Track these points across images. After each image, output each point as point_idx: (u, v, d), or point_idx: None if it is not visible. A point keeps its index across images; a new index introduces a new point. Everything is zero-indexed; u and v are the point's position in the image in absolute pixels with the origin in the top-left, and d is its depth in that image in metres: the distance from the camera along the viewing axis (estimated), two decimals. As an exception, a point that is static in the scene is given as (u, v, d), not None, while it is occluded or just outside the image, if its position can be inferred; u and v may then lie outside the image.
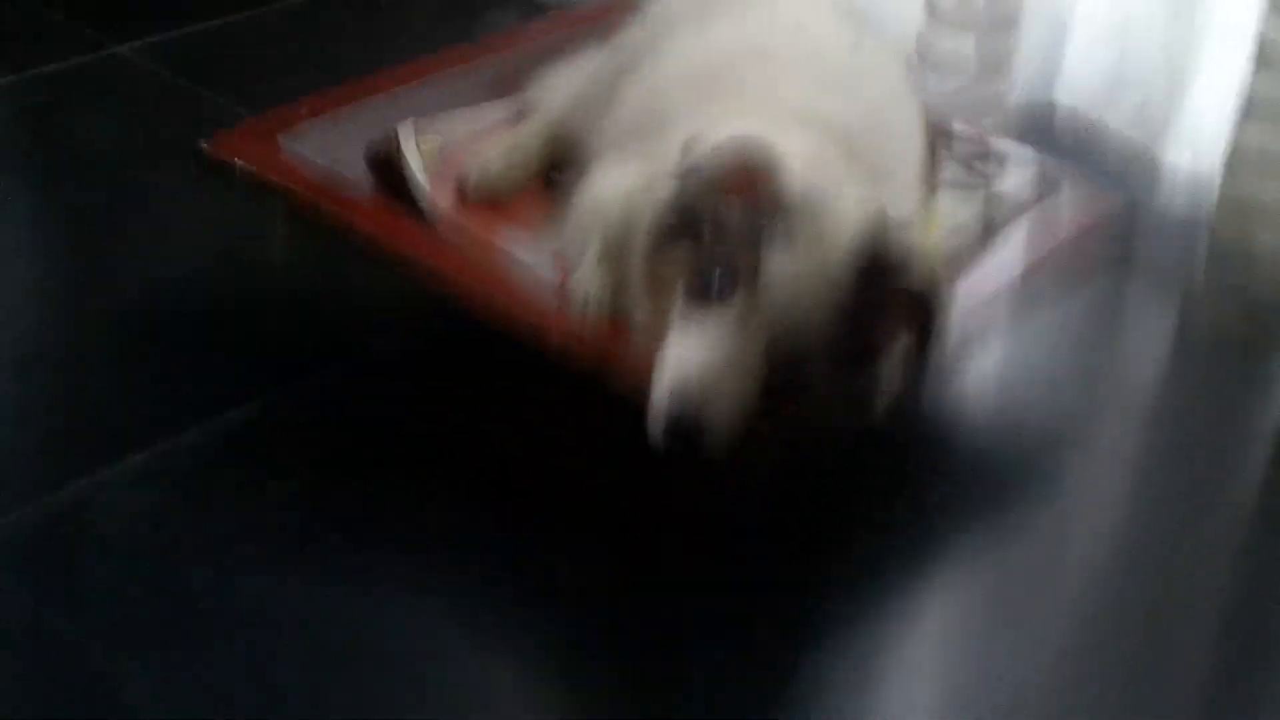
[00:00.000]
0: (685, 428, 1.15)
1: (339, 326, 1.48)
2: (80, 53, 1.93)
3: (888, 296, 1.20)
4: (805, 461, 1.28)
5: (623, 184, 1.31)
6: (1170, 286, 1.75)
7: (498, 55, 1.77)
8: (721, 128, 1.22)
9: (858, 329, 1.20)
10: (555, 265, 1.39)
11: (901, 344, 1.23)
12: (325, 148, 1.53)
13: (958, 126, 1.69)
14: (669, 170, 1.21)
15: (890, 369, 1.25)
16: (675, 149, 1.24)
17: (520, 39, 1.83)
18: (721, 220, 1.19)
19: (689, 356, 1.17)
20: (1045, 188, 1.63)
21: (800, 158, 1.20)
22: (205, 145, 1.46)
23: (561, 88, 1.66)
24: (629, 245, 1.28)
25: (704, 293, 1.19)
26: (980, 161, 1.65)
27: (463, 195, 1.55)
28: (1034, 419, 1.52)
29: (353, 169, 1.53)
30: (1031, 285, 1.51)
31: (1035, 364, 1.61)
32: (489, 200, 1.56)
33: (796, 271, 1.17)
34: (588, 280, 1.33)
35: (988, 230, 1.55)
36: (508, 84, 1.71)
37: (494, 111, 1.68)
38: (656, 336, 1.23)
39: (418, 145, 1.58)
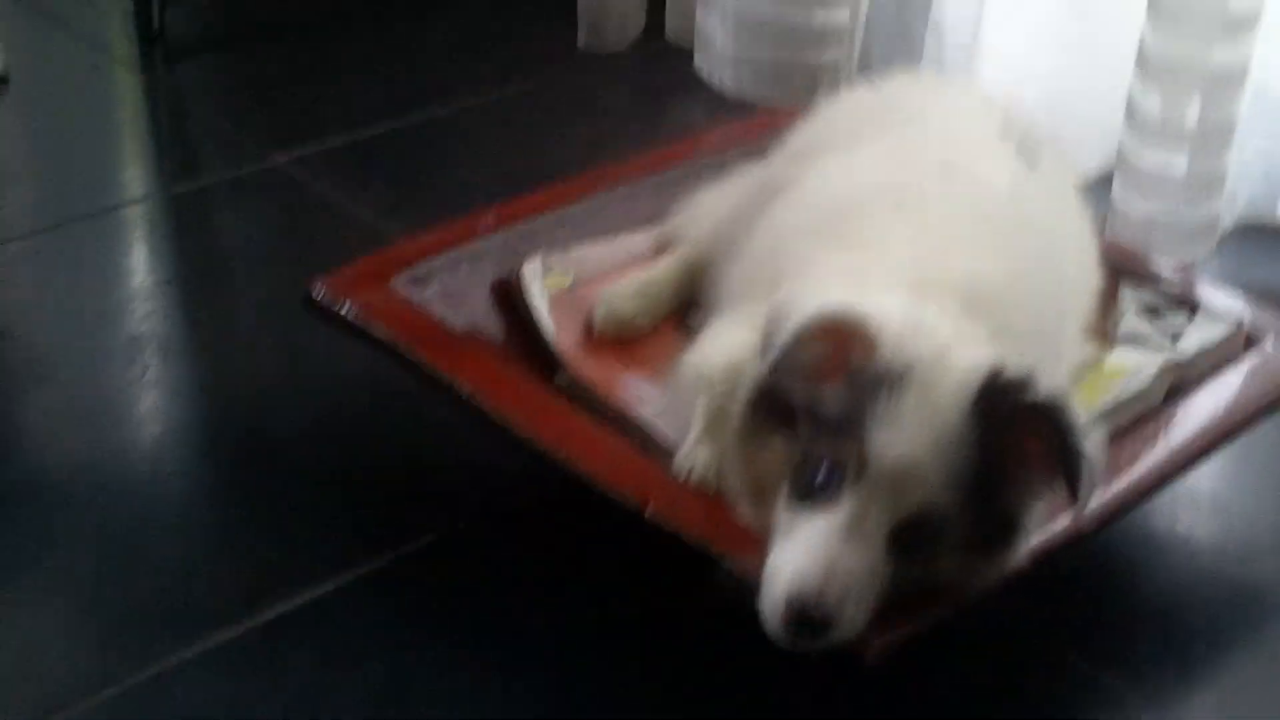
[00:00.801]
0: (805, 630, 1.04)
1: (438, 490, 1.39)
2: (240, 165, 1.91)
3: (1018, 454, 1.07)
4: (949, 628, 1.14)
5: (730, 350, 1.20)
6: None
7: (650, 175, 1.66)
8: (814, 294, 1.09)
9: (992, 497, 1.07)
10: (672, 424, 1.27)
11: (1044, 503, 1.10)
12: (446, 288, 1.45)
13: (1155, 264, 1.51)
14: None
15: (1034, 525, 1.12)
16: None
17: (679, 154, 1.72)
18: (815, 408, 1.08)
19: (800, 562, 1.05)
20: (1248, 339, 1.43)
21: (898, 324, 1.07)
22: (315, 289, 1.40)
23: (705, 217, 1.54)
24: (732, 422, 1.16)
25: (809, 490, 1.07)
26: (1171, 310, 1.46)
27: (589, 336, 1.45)
28: (1229, 572, 1.36)
29: (474, 312, 1.44)
30: (1224, 443, 1.32)
31: (1236, 516, 1.44)
32: (616, 341, 1.45)
33: (909, 450, 1.05)
34: (693, 454, 1.21)
35: (1173, 389, 1.36)
36: (657, 209, 1.60)
37: (633, 243, 1.57)
38: (763, 525, 1.12)
39: (544, 280, 1.49)
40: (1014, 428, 1.06)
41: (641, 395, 1.37)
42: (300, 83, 2.14)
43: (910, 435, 1.05)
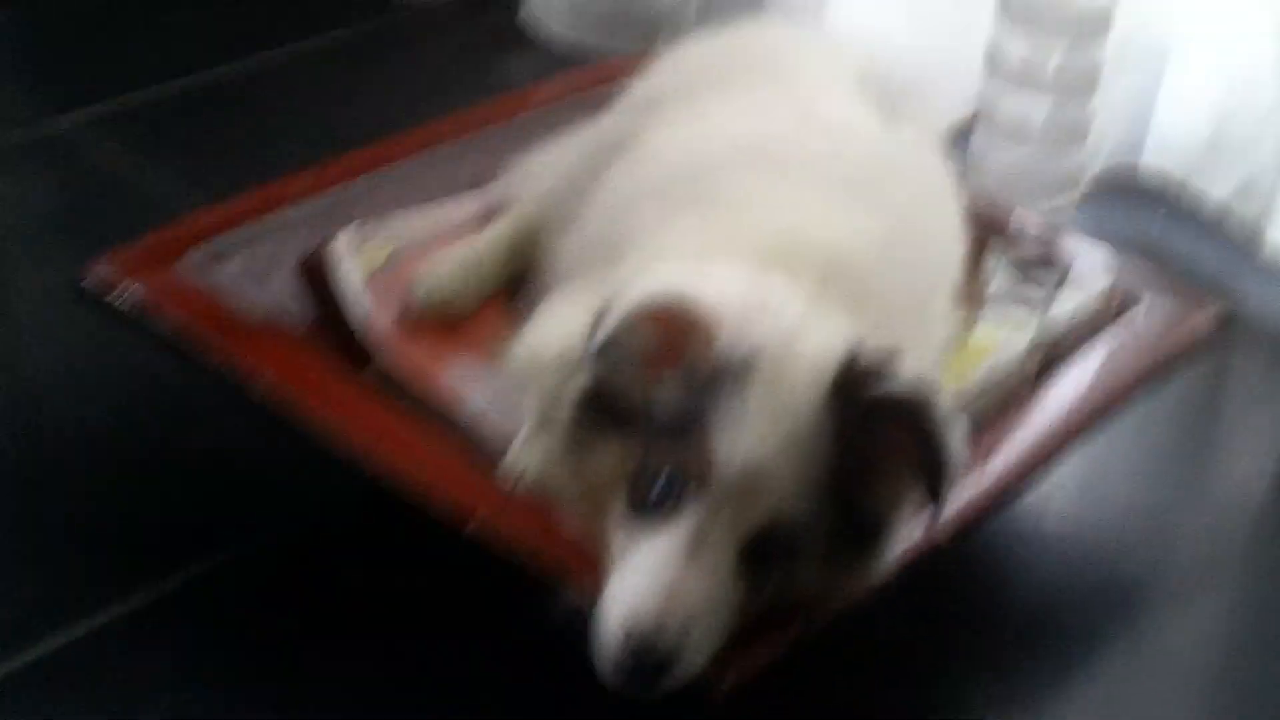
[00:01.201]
0: (644, 671, 0.91)
1: (239, 500, 1.22)
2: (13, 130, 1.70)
3: (878, 452, 0.95)
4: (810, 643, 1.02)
5: (562, 333, 1.05)
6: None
7: (476, 134, 1.50)
8: (649, 272, 0.96)
9: (852, 501, 0.95)
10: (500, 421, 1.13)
11: (913, 498, 0.97)
12: (248, 266, 1.28)
13: (1018, 218, 1.40)
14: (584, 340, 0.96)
15: (900, 529, 1.00)
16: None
17: (508, 110, 1.56)
18: (651, 408, 0.95)
19: (636, 590, 0.92)
20: (1122, 301, 1.33)
21: (738, 306, 0.94)
22: (88, 274, 1.22)
23: (537, 180, 1.39)
24: (560, 422, 1.02)
25: (647, 503, 0.94)
26: (1041, 269, 1.35)
27: (408, 319, 1.30)
28: (1101, 566, 1.27)
29: (281, 293, 1.28)
30: (1099, 425, 1.22)
31: (1107, 505, 1.33)
32: (438, 325, 1.30)
33: (756, 453, 0.92)
34: (523, 455, 1.08)
35: (1045, 363, 1.26)
36: (485, 171, 1.44)
37: (457, 210, 1.42)
38: (600, 543, 0.99)
39: (359, 255, 1.32)
40: (873, 423, 0.94)
41: (466, 386, 1.22)
42: (84, 38, 1.92)
43: (757, 436, 0.92)
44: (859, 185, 1.10)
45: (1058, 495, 1.30)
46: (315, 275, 1.31)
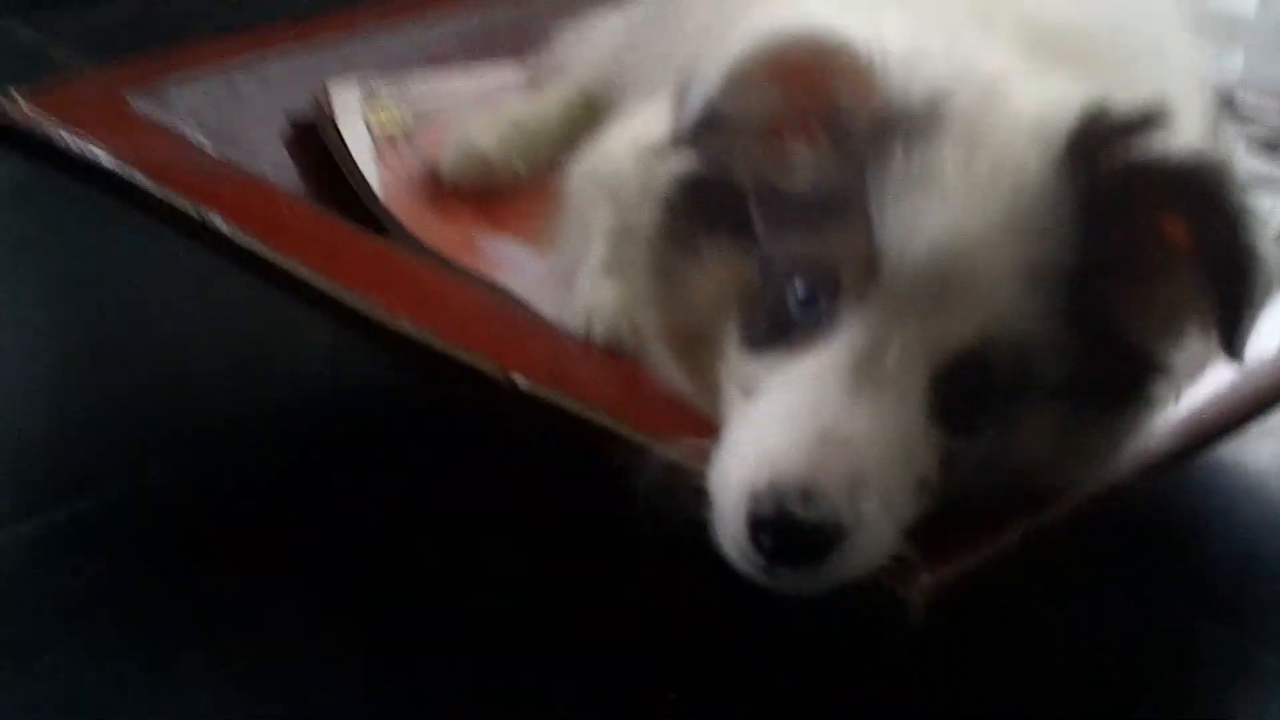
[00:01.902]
0: (793, 550, 0.59)
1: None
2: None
3: (1150, 236, 0.62)
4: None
5: (641, 139, 0.76)
6: None
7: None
8: (763, 17, 0.65)
9: (1111, 312, 0.63)
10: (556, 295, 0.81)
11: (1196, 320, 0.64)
12: (212, 113, 0.96)
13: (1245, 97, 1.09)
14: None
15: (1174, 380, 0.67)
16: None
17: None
18: (776, 190, 0.64)
19: (778, 434, 0.60)
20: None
21: (911, 44, 0.64)
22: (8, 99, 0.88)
23: (600, 41, 1.08)
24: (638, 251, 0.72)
25: (779, 324, 0.63)
26: None
27: (435, 192, 0.97)
28: None
29: (255, 156, 0.95)
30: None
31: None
32: (475, 196, 0.98)
33: (953, 235, 0.60)
34: (594, 297, 0.76)
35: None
36: (509, 41, 1.13)
37: (498, 75, 1.10)
38: (709, 400, 0.67)
39: (366, 113, 1.00)
40: (1138, 202, 0.62)
41: (509, 262, 0.90)
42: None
43: (952, 207, 0.60)
44: None
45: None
46: (309, 135, 0.99)
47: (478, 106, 1.05)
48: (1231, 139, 1.02)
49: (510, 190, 0.99)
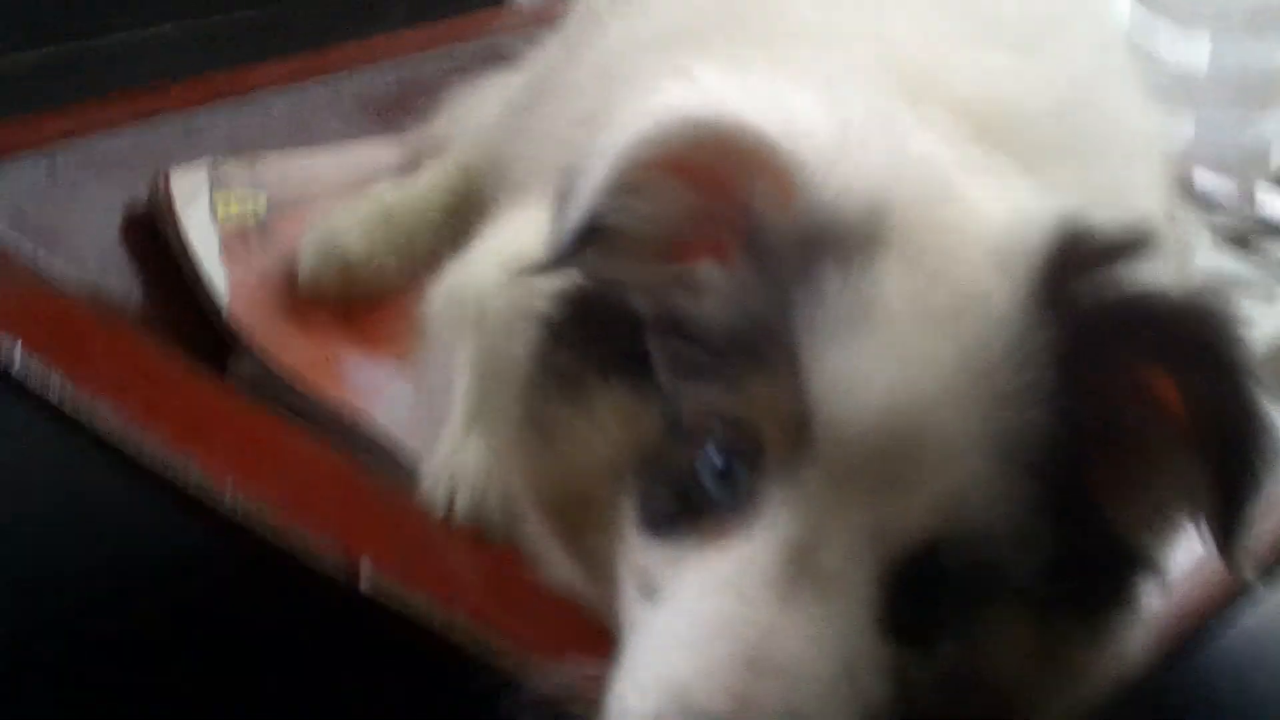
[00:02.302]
0: None
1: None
2: None
3: (1138, 411, 0.52)
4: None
5: (518, 249, 0.63)
6: None
7: (374, 65, 1.06)
8: (660, 92, 0.54)
9: (1087, 502, 0.52)
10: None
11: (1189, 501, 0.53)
12: (28, 203, 0.83)
13: (1203, 179, 0.99)
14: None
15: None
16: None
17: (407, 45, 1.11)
18: (681, 319, 0.53)
19: (692, 647, 0.49)
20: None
21: (843, 130, 0.53)
22: None
23: (482, 119, 0.95)
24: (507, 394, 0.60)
25: (688, 501, 0.52)
26: (1263, 237, 0.94)
27: (291, 295, 0.85)
28: None
29: (84, 259, 0.83)
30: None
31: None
32: (337, 303, 0.86)
33: (905, 391, 0.49)
34: (452, 458, 0.64)
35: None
36: (386, 112, 1.00)
37: (366, 153, 0.97)
38: (599, 595, 0.56)
39: (214, 203, 0.87)
40: (1125, 353, 0.51)
41: (371, 393, 0.79)
42: None
43: (906, 355, 0.50)
44: (1009, 23, 0.68)
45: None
46: (146, 228, 0.86)
47: (344, 192, 0.92)
48: (1194, 232, 0.92)
49: (380, 296, 0.87)
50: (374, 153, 0.97)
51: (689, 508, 0.52)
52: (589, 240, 0.53)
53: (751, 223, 0.52)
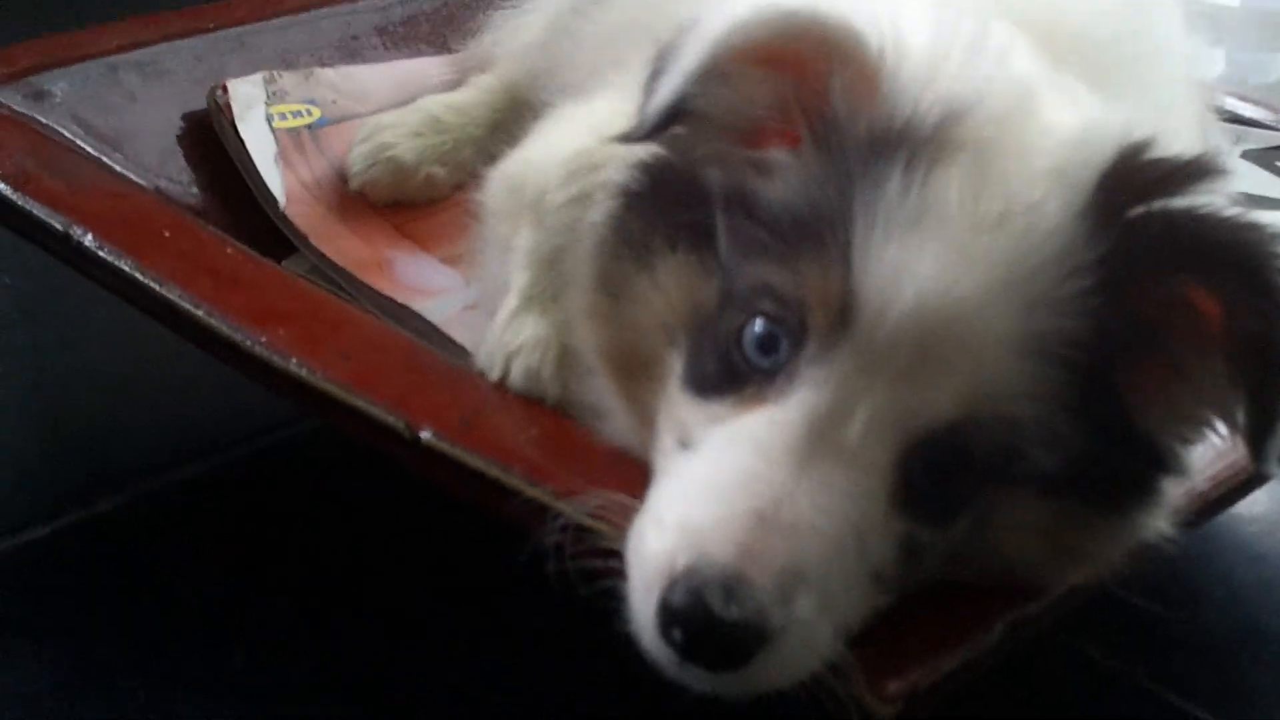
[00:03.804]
0: (711, 649, 0.51)
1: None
2: None
3: (1173, 320, 0.54)
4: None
5: (577, 138, 0.67)
6: None
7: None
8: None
9: (1116, 401, 0.54)
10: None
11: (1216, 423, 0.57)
12: (93, 110, 0.86)
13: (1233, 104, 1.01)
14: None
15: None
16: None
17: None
18: (747, 202, 0.56)
19: (708, 500, 0.52)
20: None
21: (923, 38, 0.55)
22: None
23: (526, 36, 0.98)
24: (580, 258, 0.64)
25: (731, 365, 0.55)
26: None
27: (344, 196, 0.89)
28: None
29: (145, 161, 0.86)
30: None
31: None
32: (388, 204, 0.90)
33: (946, 284, 0.52)
34: (508, 335, 0.67)
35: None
36: (432, 32, 1.03)
37: (416, 68, 1.01)
38: (647, 445, 0.59)
39: (270, 110, 0.90)
40: (1173, 269, 0.53)
41: (425, 286, 0.81)
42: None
43: (953, 256, 0.52)
44: None
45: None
46: (204, 137, 0.89)
47: (393, 108, 0.95)
48: (1228, 152, 0.94)
49: (427, 200, 0.90)
50: (423, 70, 1.01)
51: (732, 373, 0.55)
52: (674, 119, 0.56)
53: (828, 116, 0.54)
